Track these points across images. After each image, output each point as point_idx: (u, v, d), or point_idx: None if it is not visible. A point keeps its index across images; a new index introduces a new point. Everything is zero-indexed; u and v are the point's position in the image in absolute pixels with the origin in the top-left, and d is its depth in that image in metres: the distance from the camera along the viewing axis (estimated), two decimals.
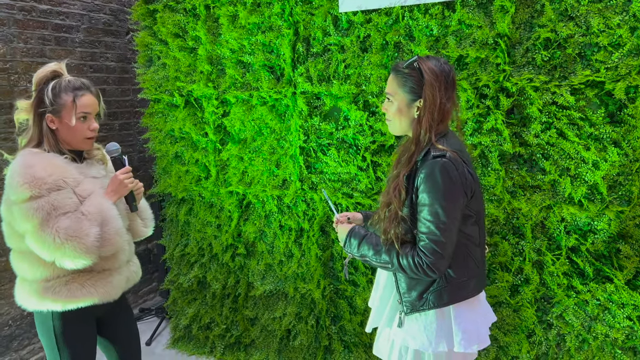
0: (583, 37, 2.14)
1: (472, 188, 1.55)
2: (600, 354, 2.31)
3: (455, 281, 1.59)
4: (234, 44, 2.79)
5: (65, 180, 1.64)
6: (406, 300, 1.64)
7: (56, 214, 1.58)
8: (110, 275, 1.77)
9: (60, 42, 3.24)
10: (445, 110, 1.56)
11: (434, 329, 1.61)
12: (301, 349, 2.95)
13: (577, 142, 2.19)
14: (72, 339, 1.75)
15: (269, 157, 2.85)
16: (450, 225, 1.50)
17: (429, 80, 1.52)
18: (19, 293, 1.75)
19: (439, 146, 1.53)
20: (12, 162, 1.67)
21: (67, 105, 1.69)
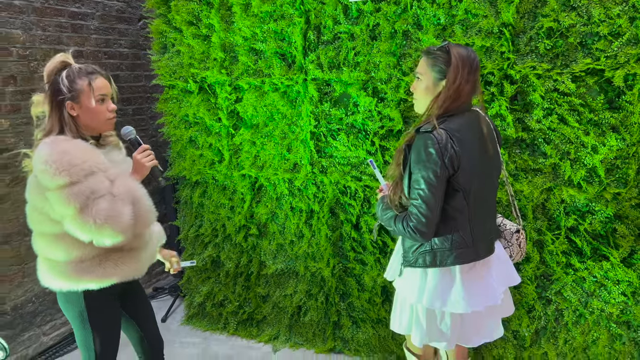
0: (584, 26, 2.24)
1: (455, 163, 1.69)
2: (596, 328, 2.45)
3: (437, 249, 1.79)
4: (247, 31, 2.88)
5: (97, 165, 1.73)
6: (405, 255, 1.89)
7: (94, 197, 1.65)
8: (138, 253, 1.87)
9: (76, 29, 3.33)
10: (462, 90, 1.71)
11: (417, 285, 1.85)
12: (311, 325, 3.10)
13: (577, 127, 2.30)
14: (101, 316, 1.86)
15: (281, 141, 2.96)
16: (430, 194, 1.68)
17: (455, 63, 1.69)
18: (46, 275, 1.81)
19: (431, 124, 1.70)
20: (38, 150, 1.69)
21: (84, 90, 1.75)
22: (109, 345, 1.92)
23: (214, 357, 3.08)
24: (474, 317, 1.87)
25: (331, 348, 3.07)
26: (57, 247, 1.75)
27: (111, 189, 1.73)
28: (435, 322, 1.86)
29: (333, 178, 2.86)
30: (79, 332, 1.87)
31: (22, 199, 2.97)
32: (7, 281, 2.97)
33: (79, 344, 1.90)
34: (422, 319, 1.87)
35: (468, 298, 1.78)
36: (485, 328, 1.94)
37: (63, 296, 1.85)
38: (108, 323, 1.91)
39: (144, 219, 1.78)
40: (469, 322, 1.89)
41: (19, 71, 2.98)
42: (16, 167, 2.99)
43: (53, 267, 1.78)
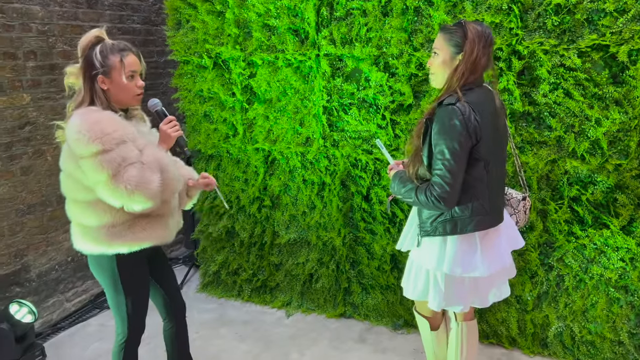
0: (591, 3, 2.31)
1: (477, 134, 1.79)
2: (595, 292, 2.59)
3: (457, 216, 1.89)
4: (261, 7, 2.95)
5: (127, 135, 1.82)
6: (422, 226, 1.98)
7: (125, 164, 1.75)
8: (165, 219, 1.98)
9: (91, 5, 3.40)
10: (478, 63, 1.80)
11: (436, 253, 1.95)
12: (322, 291, 3.24)
13: (582, 101, 2.40)
14: (132, 279, 1.98)
15: (293, 116, 3.06)
16: (455, 163, 1.77)
17: (472, 37, 1.78)
18: (80, 240, 1.91)
19: (453, 96, 1.78)
20: (72, 120, 1.78)
21: (116, 66, 1.83)
22: (139, 306, 2.04)
23: (231, 322, 3.23)
24: (487, 280, 2.00)
25: (342, 313, 3.22)
26: (89, 213, 1.85)
27: (140, 157, 1.82)
28: (453, 287, 1.97)
29: (344, 151, 2.96)
30: (111, 294, 1.99)
31: (43, 171, 3.10)
32: (32, 250, 3.11)
33: (111, 305, 2.03)
34: (441, 285, 1.97)
35: (486, 262, 1.90)
36: (497, 288, 2.07)
37: (95, 260, 1.96)
38: (138, 285, 2.03)
39: (171, 186, 1.88)
40: (483, 285, 2.01)
41: (38, 47, 3.05)
42: (38, 140, 3.10)
43: (86, 232, 1.88)
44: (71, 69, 1.90)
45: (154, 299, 2.23)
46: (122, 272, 1.96)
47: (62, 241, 3.30)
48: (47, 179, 3.17)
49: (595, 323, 2.61)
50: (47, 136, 3.14)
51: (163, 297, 2.22)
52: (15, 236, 3.00)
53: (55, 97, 3.19)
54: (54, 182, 3.21)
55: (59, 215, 3.26)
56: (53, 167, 3.20)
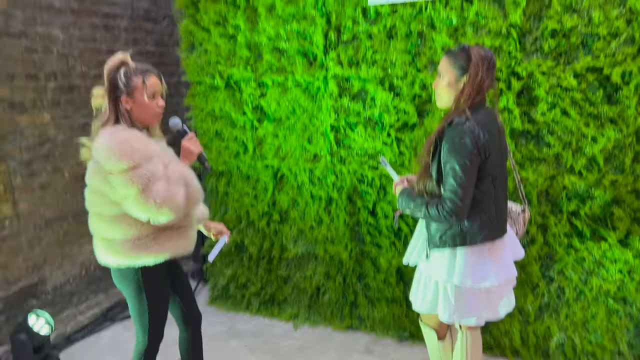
0: (585, 27, 2.45)
1: (486, 151, 1.90)
2: (594, 304, 2.67)
3: (467, 229, 1.98)
4: (271, 31, 3.10)
5: (154, 152, 1.93)
6: (431, 239, 2.07)
7: (153, 179, 1.85)
8: (186, 231, 2.08)
9: (108, 28, 3.56)
10: (483, 84, 1.92)
11: (446, 265, 2.03)
12: (329, 304, 3.33)
13: (579, 120, 2.52)
14: (156, 290, 2.07)
15: (302, 133, 3.19)
16: (466, 179, 1.88)
17: (475, 60, 1.90)
18: (104, 253, 1.99)
19: (462, 116, 1.89)
20: (100, 138, 1.88)
21: (138, 86, 1.95)
22: (160, 317, 2.14)
23: (240, 334, 3.31)
24: (497, 290, 2.09)
25: (348, 325, 3.30)
26: (115, 227, 1.94)
27: (166, 172, 1.93)
28: (464, 299, 2.05)
29: (351, 167, 3.08)
30: (135, 304, 2.07)
31: (61, 187, 3.23)
32: (49, 263, 3.21)
33: (133, 315, 2.11)
34: (450, 297, 2.05)
35: (496, 272, 2.00)
36: (507, 298, 2.16)
37: (120, 272, 2.05)
38: (160, 295, 2.12)
39: (194, 199, 1.99)
40: (494, 296, 2.10)
41: (58, 68, 3.20)
42: (56, 157, 3.22)
43: (111, 246, 1.97)
44: (98, 91, 2.01)
45: (172, 309, 2.30)
46: (147, 283, 2.04)
47: (76, 255, 3.40)
48: (64, 194, 3.29)
49: (595, 334, 2.69)
50: (64, 154, 3.27)
51: (181, 307, 2.31)
52: (33, 250, 3.11)
53: (73, 116, 3.33)
54: (70, 198, 3.33)
55: (74, 230, 3.37)
56: (70, 184, 3.32)
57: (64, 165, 3.28)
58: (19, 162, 2.99)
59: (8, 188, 2.94)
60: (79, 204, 3.38)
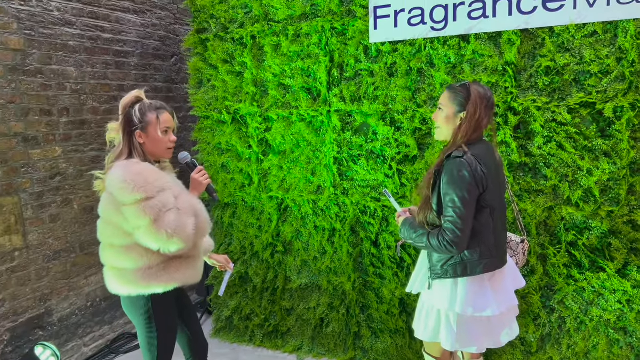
0: (578, 65, 2.57)
1: (484, 183, 1.97)
2: (595, 334, 2.70)
3: (467, 260, 2.04)
4: (277, 69, 3.23)
5: (165, 184, 2.01)
6: (433, 269, 2.12)
7: (165, 210, 1.93)
8: (194, 261, 2.14)
9: (119, 66, 3.69)
10: (481, 122, 2.01)
11: (448, 294, 2.08)
12: (333, 336, 3.35)
13: (574, 153, 2.61)
14: (165, 318, 2.12)
15: (306, 166, 3.28)
16: (465, 211, 1.94)
17: (474, 99, 1.99)
18: (115, 283, 2.04)
19: (460, 150, 1.97)
20: (115, 171, 1.97)
21: (152, 122, 2.06)
22: (169, 345, 2.17)
23: None
24: (499, 319, 2.14)
25: (352, 357, 3.31)
26: (127, 257, 2.01)
27: (176, 204, 2.00)
28: (465, 327, 2.09)
29: (354, 199, 3.16)
30: (145, 333, 2.12)
31: (70, 219, 3.30)
32: (56, 294, 3.25)
33: (142, 345, 2.15)
34: (453, 325, 2.10)
35: (496, 302, 2.05)
36: (509, 328, 2.20)
37: (130, 301, 2.10)
38: (169, 326, 2.16)
39: (203, 230, 2.07)
40: (495, 325, 2.14)
41: (71, 104, 3.32)
42: (66, 189, 3.30)
43: (122, 276, 2.03)
44: (112, 125, 2.12)
45: (179, 339, 2.34)
46: (156, 312, 2.09)
47: (82, 287, 3.44)
48: (73, 226, 3.35)
49: None
50: (74, 186, 3.36)
51: (188, 336, 2.35)
52: (41, 281, 3.15)
53: (84, 150, 3.43)
54: (78, 230, 3.39)
55: (81, 262, 3.43)
56: (79, 216, 3.39)
57: (73, 197, 3.36)
58: (31, 194, 3.07)
59: (19, 220, 3.01)
60: (87, 236, 3.45)
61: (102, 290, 3.59)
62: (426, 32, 2.82)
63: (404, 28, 2.86)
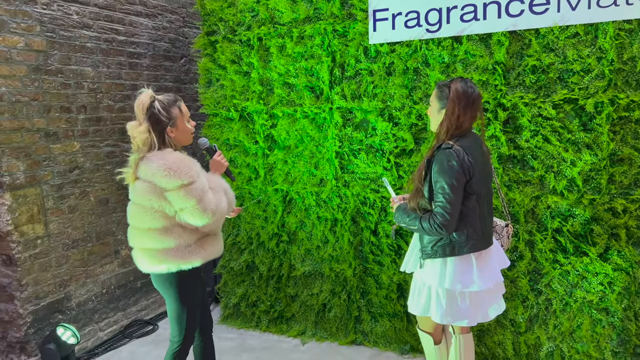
0: (561, 64, 2.77)
1: (470, 172, 2.17)
2: (579, 314, 2.90)
3: (455, 241, 2.24)
4: (282, 68, 3.44)
5: (199, 169, 2.22)
6: (424, 250, 2.32)
7: (204, 192, 2.15)
8: (218, 236, 2.37)
9: (132, 66, 3.91)
10: (460, 121, 2.19)
11: (437, 272, 2.28)
12: (335, 320, 3.55)
13: (558, 146, 2.81)
14: (193, 293, 2.33)
15: (309, 160, 3.48)
16: (454, 196, 2.14)
17: (452, 97, 2.18)
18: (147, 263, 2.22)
19: (449, 142, 2.17)
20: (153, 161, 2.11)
21: (178, 116, 2.25)
22: (195, 318, 2.39)
23: (251, 349, 3.52)
24: (487, 295, 2.34)
25: (353, 340, 3.51)
26: (161, 239, 2.19)
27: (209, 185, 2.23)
28: (456, 302, 2.29)
29: (354, 191, 3.36)
30: (175, 307, 2.31)
31: (87, 210, 3.50)
32: (74, 281, 3.46)
33: (171, 318, 2.35)
34: (442, 300, 2.29)
35: (482, 279, 2.25)
36: (495, 303, 2.40)
37: (163, 278, 2.27)
38: (196, 298, 2.37)
39: (232, 204, 2.32)
40: (484, 300, 2.34)
41: (88, 102, 3.53)
42: (84, 182, 3.51)
43: (155, 255, 2.21)
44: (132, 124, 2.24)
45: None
46: (187, 286, 2.30)
47: (98, 274, 3.65)
48: (89, 217, 3.56)
49: (581, 343, 2.91)
50: (91, 179, 3.57)
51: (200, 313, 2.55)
52: (61, 267, 3.36)
53: (99, 145, 3.64)
54: (95, 221, 3.60)
55: (98, 251, 3.63)
56: (95, 207, 3.60)
57: (90, 190, 3.57)
58: (51, 186, 3.28)
59: (41, 210, 3.22)
60: (102, 227, 3.66)
61: (116, 278, 3.79)
62: (422, 34, 3.03)
63: (401, 30, 3.07)
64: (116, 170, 2.36)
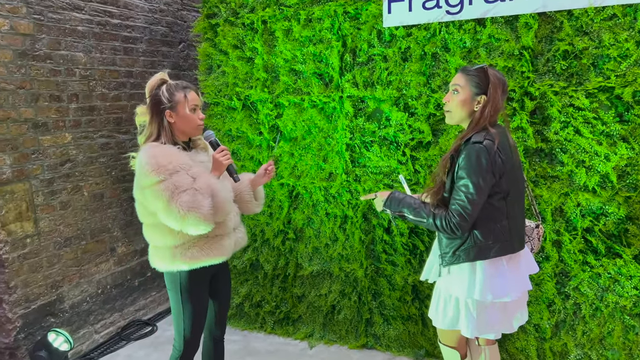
0: (596, 49, 2.53)
1: (500, 171, 1.95)
2: (611, 320, 2.70)
3: (480, 243, 2.01)
4: (288, 54, 3.20)
5: (181, 165, 2.01)
6: (444, 256, 2.09)
7: (177, 191, 1.93)
8: (221, 240, 2.14)
9: (127, 52, 3.66)
10: (499, 107, 1.99)
11: (465, 281, 2.05)
12: (344, 322, 3.35)
13: (591, 138, 2.58)
14: (193, 293, 2.15)
15: (317, 153, 3.25)
16: (477, 197, 1.91)
17: (494, 82, 1.96)
18: (153, 258, 2.14)
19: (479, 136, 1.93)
20: (139, 155, 2.01)
21: (180, 101, 2.06)
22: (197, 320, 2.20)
23: (256, 352, 3.32)
24: (514, 304, 2.12)
25: (364, 344, 3.31)
26: (155, 234, 2.08)
27: (193, 184, 2.00)
28: (485, 314, 2.07)
29: (366, 186, 3.14)
30: (175, 307, 2.17)
31: (80, 206, 3.28)
32: (67, 281, 3.24)
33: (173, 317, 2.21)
34: (472, 312, 2.07)
35: (514, 286, 2.03)
36: (520, 313, 2.19)
37: (165, 275, 2.18)
38: (200, 301, 2.19)
39: (222, 209, 2.04)
40: (510, 310, 2.13)
41: (80, 90, 3.29)
42: (76, 176, 3.28)
43: (156, 251, 2.13)
44: (141, 109, 2.13)
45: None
46: (186, 288, 2.14)
47: (93, 274, 3.43)
48: (83, 213, 3.34)
49: (612, 350, 2.70)
50: (84, 173, 3.34)
51: (215, 313, 2.39)
52: (52, 268, 3.14)
53: (93, 137, 3.40)
54: (89, 217, 3.38)
55: (92, 249, 3.41)
56: (89, 203, 3.37)
57: (83, 184, 3.34)
58: (41, 180, 3.05)
59: (30, 206, 2.99)
60: (96, 223, 3.44)
61: (112, 278, 3.58)
62: (441, 16, 2.78)
63: (419, 12, 2.83)
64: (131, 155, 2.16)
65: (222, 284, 2.36)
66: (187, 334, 2.18)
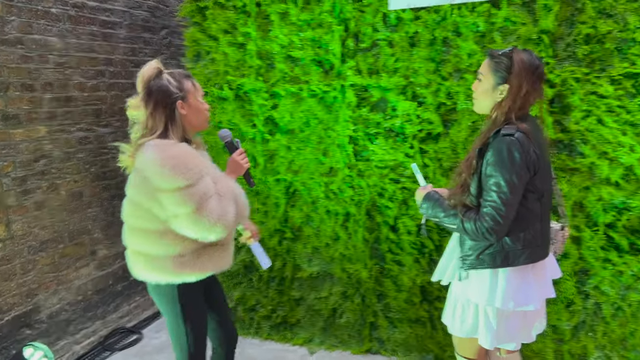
0: (621, 32, 2.37)
1: (535, 166, 1.75)
2: (633, 320, 2.56)
3: (509, 248, 1.80)
4: (284, 39, 2.96)
5: (205, 169, 1.80)
6: (465, 259, 1.89)
7: (206, 198, 1.72)
8: (227, 247, 1.95)
9: (106, 37, 3.36)
10: (527, 99, 1.76)
11: (486, 287, 1.84)
12: (347, 326, 3.14)
13: (615, 128, 2.42)
14: (194, 307, 1.93)
15: (317, 146, 3.03)
16: (511, 197, 1.70)
17: (518, 70, 1.73)
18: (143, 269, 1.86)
19: (510, 127, 1.73)
20: (149, 153, 1.74)
21: (190, 89, 1.86)
22: (199, 335, 1.99)
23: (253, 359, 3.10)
24: (533, 313, 1.94)
25: (368, 349, 3.12)
26: (159, 244, 1.81)
27: (216, 189, 1.80)
28: (505, 323, 1.88)
29: (370, 181, 2.93)
30: (173, 322, 1.94)
31: (56, 205, 2.99)
32: (43, 289, 2.95)
33: (171, 334, 1.97)
34: (492, 321, 1.88)
35: (537, 294, 1.85)
36: (539, 322, 2.01)
37: (159, 289, 1.91)
38: (200, 314, 1.98)
39: (243, 215, 1.87)
40: (531, 318, 1.95)
41: (55, 78, 2.99)
42: (52, 173, 2.99)
43: (151, 262, 1.84)
44: (133, 101, 1.88)
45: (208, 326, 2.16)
46: (186, 300, 1.92)
47: (72, 280, 3.15)
48: (60, 214, 3.05)
49: (635, 352, 2.57)
50: (61, 170, 3.04)
51: (217, 324, 2.18)
52: (27, 275, 2.85)
53: (70, 130, 3.11)
54: (67, 218, 3.09)
55: (70, 253, 3.13)
56: (66, 202, 3.08)
57: (60, 182, 3.04)
58: (13, 179, 2.75)
59: (1, 207, 2.69)
60: (75, 224, 3.15)
61: (93, 283, 3.30)
62: None
63: None
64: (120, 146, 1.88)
65: (217, 291, 2.16)
66: (192, 350, 1.96)
